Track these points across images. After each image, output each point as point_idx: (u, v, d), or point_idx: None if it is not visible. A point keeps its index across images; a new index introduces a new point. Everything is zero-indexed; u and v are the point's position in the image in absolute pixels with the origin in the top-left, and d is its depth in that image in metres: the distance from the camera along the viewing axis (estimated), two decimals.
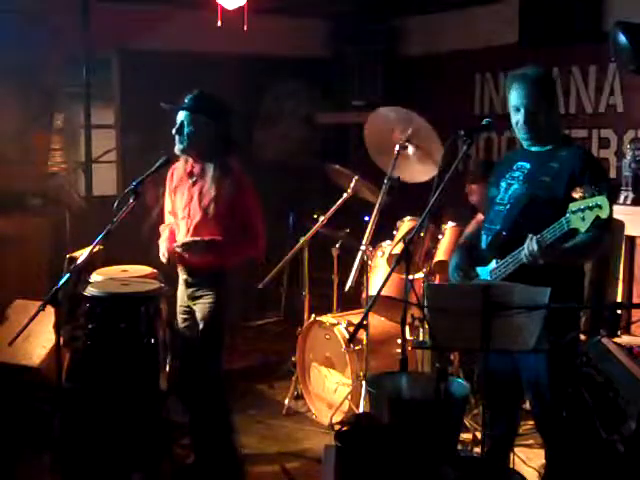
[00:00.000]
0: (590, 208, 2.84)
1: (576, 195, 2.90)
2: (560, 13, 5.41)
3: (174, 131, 3.74)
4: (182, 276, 3.91)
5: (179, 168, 3.89)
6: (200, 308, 3.81)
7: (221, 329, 3.83)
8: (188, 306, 3.89)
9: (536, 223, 3.08)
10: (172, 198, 3.95)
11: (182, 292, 3.92)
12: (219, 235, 3.73)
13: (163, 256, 3.85)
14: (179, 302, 3.95)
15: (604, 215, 2.82)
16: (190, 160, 3.82)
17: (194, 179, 3.79)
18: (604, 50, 4.96)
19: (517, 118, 3.24)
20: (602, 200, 2.83)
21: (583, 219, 2.86)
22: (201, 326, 3.81)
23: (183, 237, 3.81)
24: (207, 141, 3.72)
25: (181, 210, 3.85)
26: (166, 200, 4.02)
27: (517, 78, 3.24)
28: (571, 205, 2.90)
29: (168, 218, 4.03)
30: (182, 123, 3.72)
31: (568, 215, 2.90)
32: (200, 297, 3.81)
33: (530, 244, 3.00)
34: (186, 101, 3.75)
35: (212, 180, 3.72)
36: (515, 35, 5.75)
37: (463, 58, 6.55)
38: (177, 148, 3.76)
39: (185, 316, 3.93)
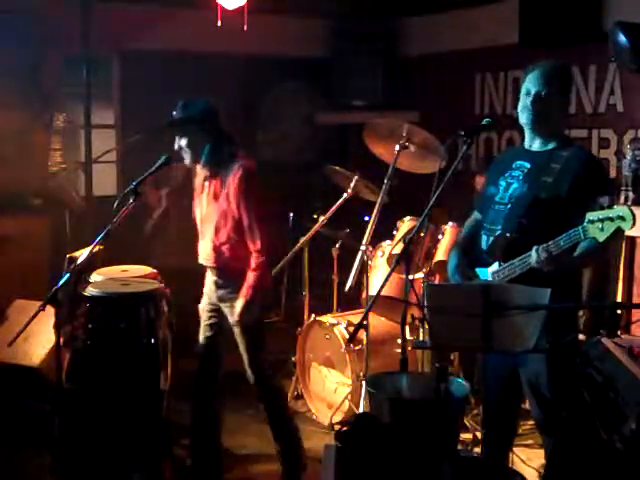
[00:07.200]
0: (611, 219, 2.80)
1: (595, 205, 2.87)
2: (560, 13, 5.41)
3: (175, 147, 3.76)
4: (211, 277, 3.89)
5: (199, 174, 3.87)
6: (233, 311, 3.78)
7: (261, 328, 3.87)
8: (217, 305, 3.88)
9: (540, 225, 3.07)
10: (196, 205, 3.94)
11: (211, 292, 3.90)
12: (236, 236, 3.71)
13: None
14: (206, 300, 3.94)
15: (627, 227, 2.79)
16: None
17: (207, 183, 3.80)
18: (604, 50, 4.96)
19: (525, 102, 3.19)
20: (625, 212, 2.79)
21: (602, 229, 2.82)
22: (238, 329, 3.81)
23: (208, 243, 3.81)
24: (204, 146, 3.71)
25: (200, 217, 3.87)
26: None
27: (536, 66, 3.22)
28: (589, 214, 2.86)
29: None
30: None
31: (586, 224, 2.86)
32: (232, 299, 3.78)
33: (538, 253, 2.97)
34: (174, 115, 3.74)
35: (220, 182, 3.72)
36: (515, 35, 5.74)
37: (463, 58, 6.55)
38: (186, 162, 3.79)
39: (211, 314, 3.91)
